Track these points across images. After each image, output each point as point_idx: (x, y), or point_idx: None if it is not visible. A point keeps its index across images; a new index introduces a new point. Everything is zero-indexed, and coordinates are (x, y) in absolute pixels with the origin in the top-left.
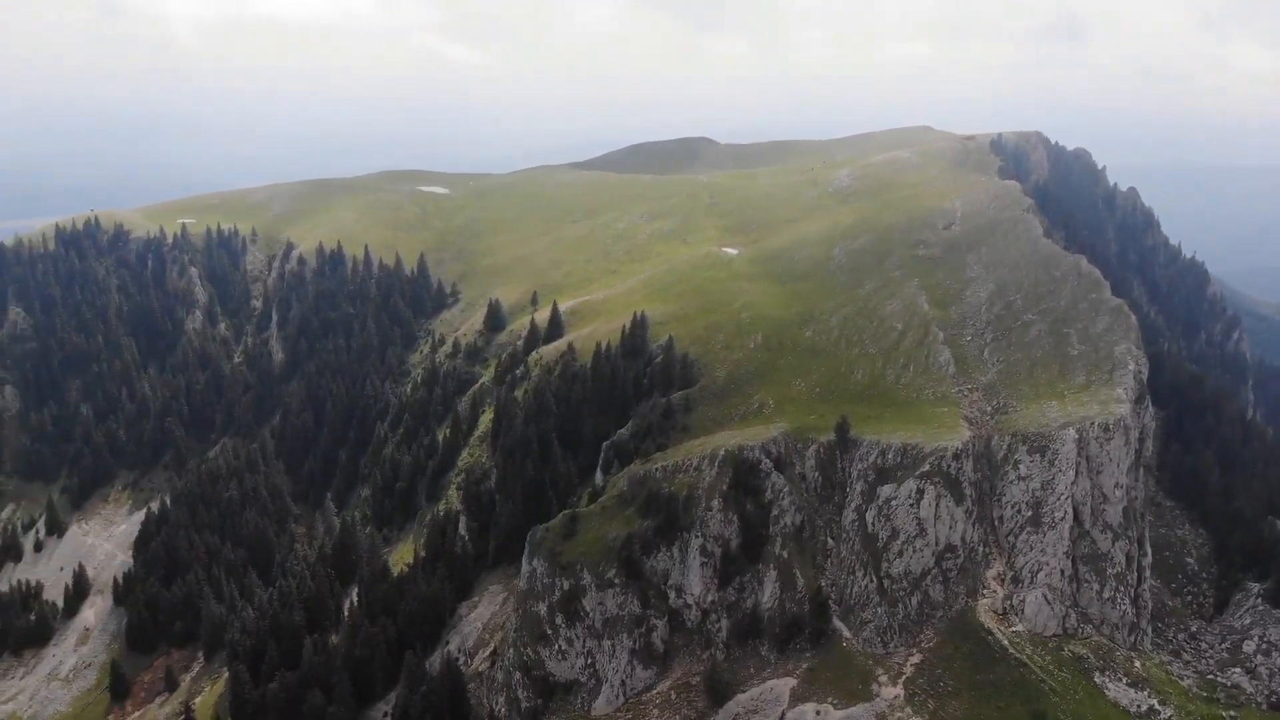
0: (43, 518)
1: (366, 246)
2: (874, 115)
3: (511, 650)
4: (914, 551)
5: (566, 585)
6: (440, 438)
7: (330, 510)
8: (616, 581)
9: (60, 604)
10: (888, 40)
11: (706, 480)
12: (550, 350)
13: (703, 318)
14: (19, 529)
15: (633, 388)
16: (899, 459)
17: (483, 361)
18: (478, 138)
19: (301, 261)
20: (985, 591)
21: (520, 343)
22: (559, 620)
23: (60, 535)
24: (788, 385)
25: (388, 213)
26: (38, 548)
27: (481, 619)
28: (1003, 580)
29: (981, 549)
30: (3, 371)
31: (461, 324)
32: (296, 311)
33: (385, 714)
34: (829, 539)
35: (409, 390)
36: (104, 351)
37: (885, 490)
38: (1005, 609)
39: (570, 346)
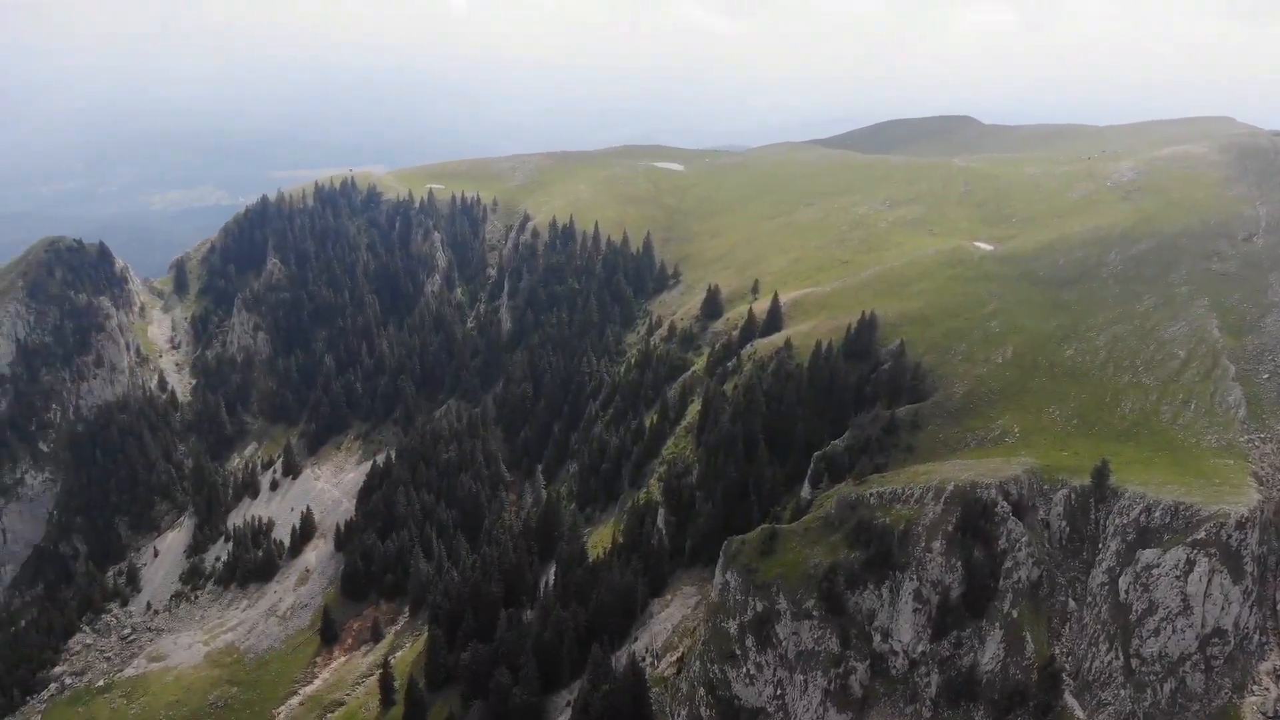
0: (280, 459)
1: (596, 222)
2: (1161, 100)
3: (698, 663)
4: (1174, 631)
5: (760, 607)
6: (647, 423)
7: (539, 482)
8: (815, 613)
9: (286, 543)
10: (1191, 13)
11: (929, 517)
12: (766, 344)
13: (943, 322)
14: (259, 467)
15: (853, 395)
16: (1167, 519)
17: (696, 349)
18: (725, 111)
19: (535, 234)
20: (1256, 688)
21: (736, 333)
22: (749, 643)
23: (294, 477)
24: (1038, 412)
25: (621, 188)
26: (273, 487)
27: (672, 620)
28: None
29: (1257, 637)
30: (258, 318)
31: (679, 307)
32: (526, 283)
33: (568, 703)
34: (1070, 601)
35: (622, 371)
36: (349, 307)
37: (1146, 555)
38: (1278, 712)
39: (788, 342)
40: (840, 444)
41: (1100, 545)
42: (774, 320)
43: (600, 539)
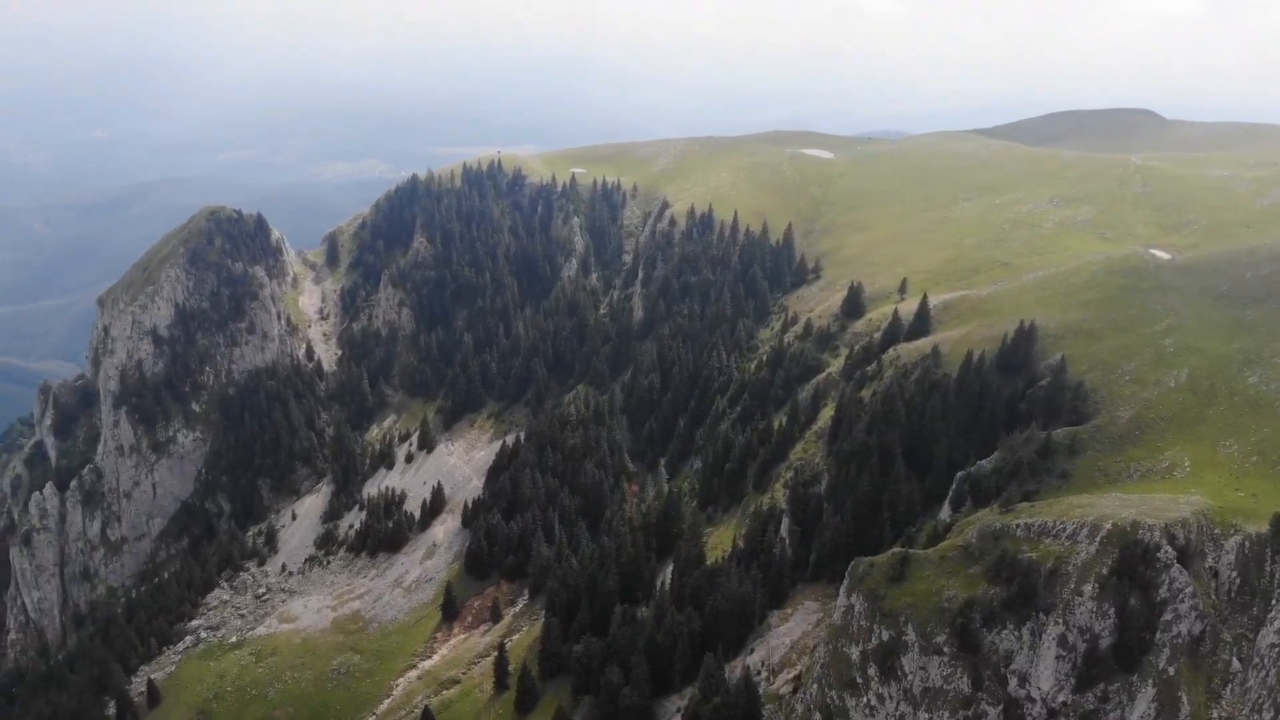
0: (416, 433)
1: (736, 211)
2: None
3: (816, 686)
4: None
5: (885, 636)
6: (776, 425)
7: (662, 476)
8: (946, 650)
9: (416, 516)
10: None
11: (1081, 556)
12: (910, 349)
13: (1111, 337)
14: (396, 440)
15: (1005, 412)
16: None
17: (833, 349)
18: (882, 96)
19: (672, 222)
20: None
21: (878, 335)
22: (872, 672)
23: (429, 451)
24: (1214, 445)
25: (765, 175)
26: (408, 459)
27: (791, 635)
28: None
29: None
30: (403, 294)
31: (817, 304)
32: (660, 271)
33: (678, 710)
34: (1234, 661)
35: (752, 368)
36: (489, 288)
37: None
38: None
39: (935, 349)
40: (987, 465)
41: (1274, 601)
42: (921, 323)
43: (720, 540)
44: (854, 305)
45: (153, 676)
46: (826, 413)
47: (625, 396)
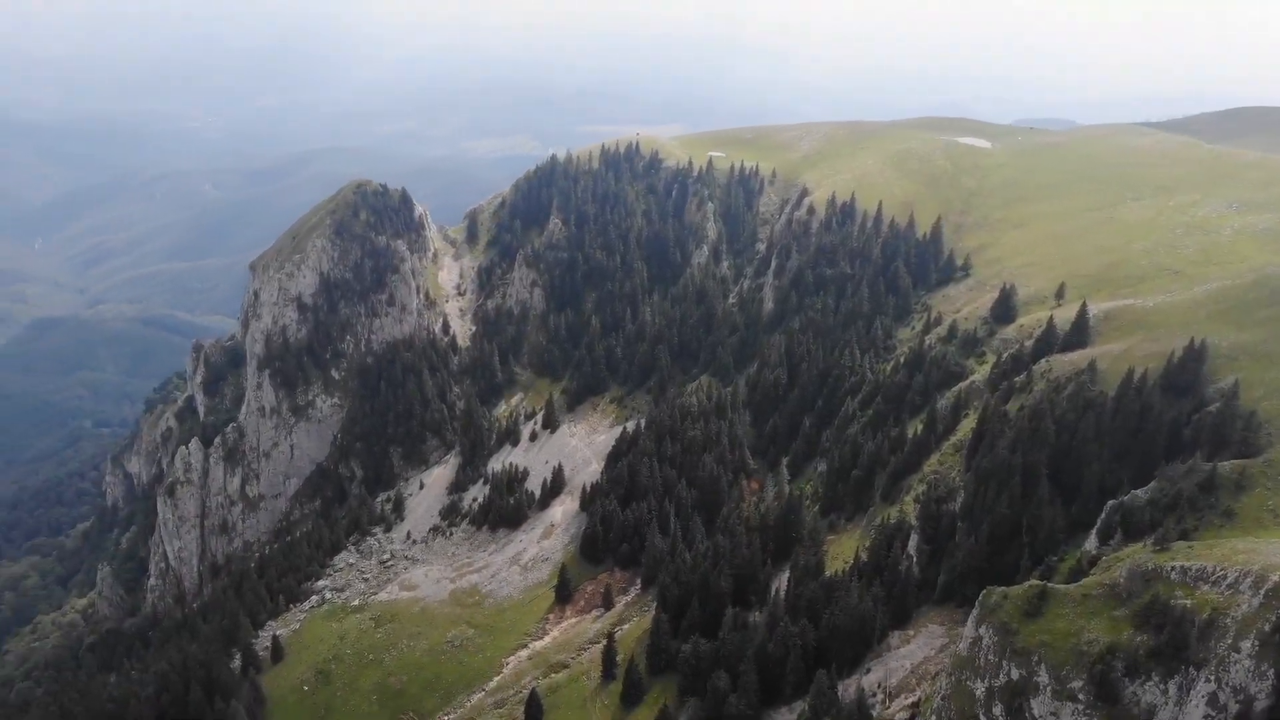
0: (541, 412)
1: (880, 202)
2: None
3: (934, 719)
4: None
5: (1015, 675)
6: (910, 432)
7: (783, 477)
8: (1081, 697)
9: (536, 495)
10: None
11: (1242, 609)
12: (1065, 362)
13: None
14: (521, 417)
15: (1166, 438)
16: None
17: (978, 355)
18: (1046, 82)
19: (811, 211)
20: None
21: (1029, 343)
22: (997, 711)
23: (552, 431)
24: None
25: (915, 164)
26: (532, 438)
27: (912, 658)
28: None
29: None
30: (536, 274)
31: (964, 305)
32: (794, 262)
33: None
34: None
35: (888, 369)
36: (619, 272)
37: None
38: None
39: (1092, 363)
40: (1142, 495)
41: None
42: (1078, 334)
43: (841, 550)
44: (1005, 309)
45: (278, 633)
46: (967, 424)
47: (749, 390)
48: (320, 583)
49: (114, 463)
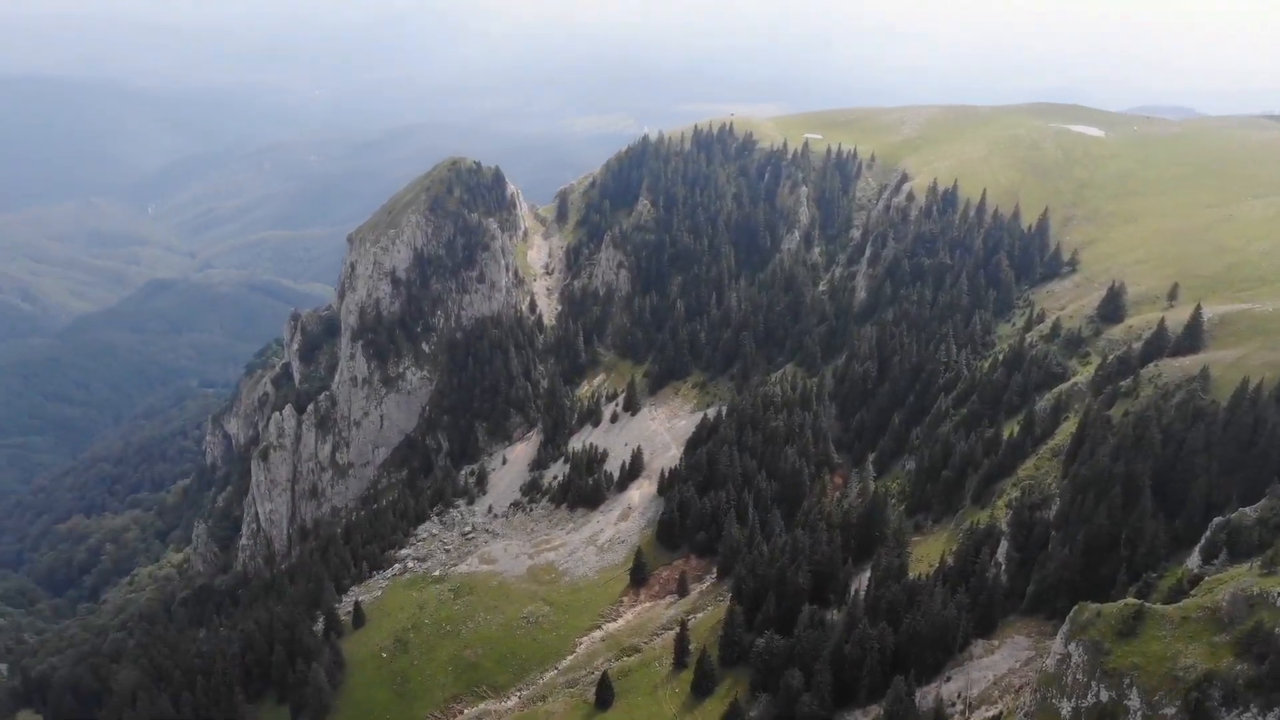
0: (623, 394)
1: (985, 190)
2: None
3: None
4: None
5: (1105, 696)
6: (1005, 434)
7: (868, 473)
8: None
9: (615, 477)
10: None
11: None
12: (1175, 367)
13: None
14: (603, 398)
15: None
16: None
17: (1082, 356)
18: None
19: (910, 197)
20: None
21: (1138, 346)
22: None
23: (633, 414)
24: None
25: (1022, 152)
26: (613, 419)
27: (995, 670)
28: None
29: None
30: (623, 256)
31: (1069, 302)
32: (890, 251)
33: None
34: None
35: (985, 366)
36: (706, 255)
37: None
38: None
39: (1204, 370)
40: (1251, 514)
41: None
42: (1191, 338)
43: (926, 553)
44: (1112, 308)
45: (360, 599)
46: (1067, 428)
47: (837, 382)
48: (403, 551)
49: (214, 423)
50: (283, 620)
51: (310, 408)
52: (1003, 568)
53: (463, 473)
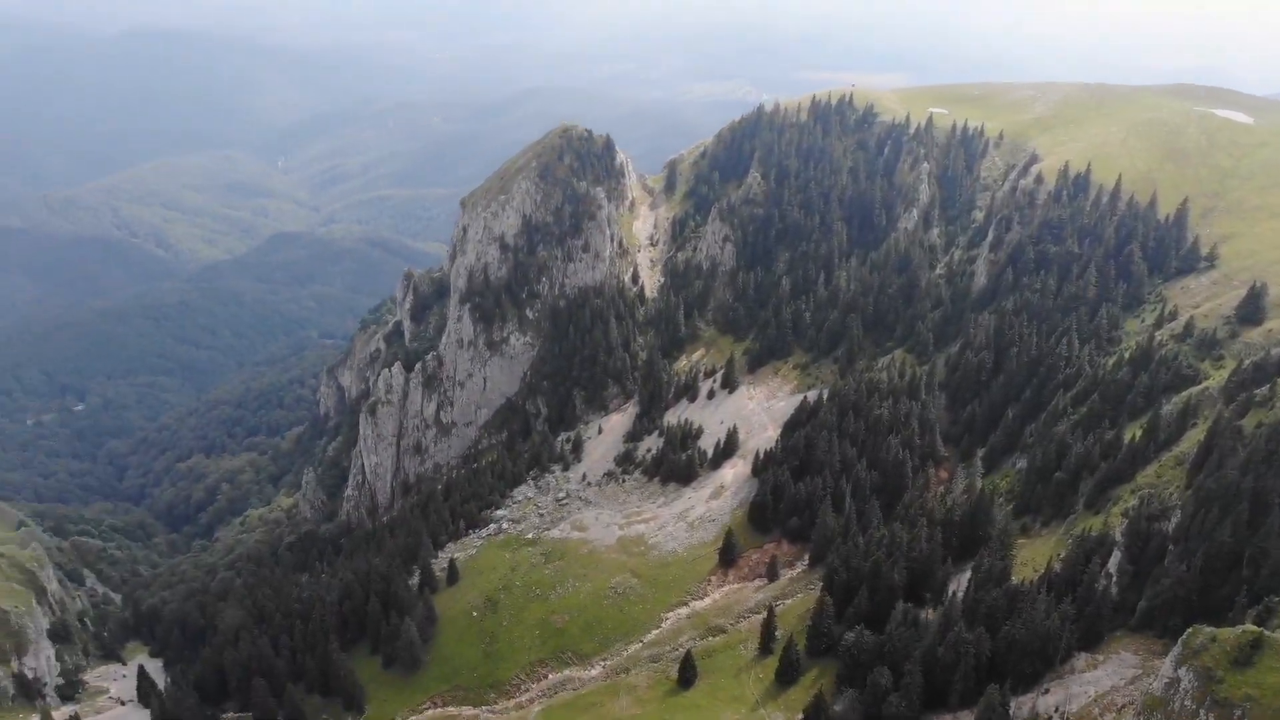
0: (721, 371)
1: (1120, 175)
2: None
3: None
4: None
5: None
6: (1127, 438)
7: (976, 469)
8: None
9: (709, 454)
10: None
11: None
12: None
13: None
14: (701, 374)
15: None
16: None
17: (1215, 359)
18: None
19: (1039, 179)
20: None
21: (1277, 351)
22: None
23: (730, 391)
24: None
25: (1162, 136)
26: (709, 396)
27: (1097, 685)
28: None
29: None
30: (729, 229)
31: (1205, 300)
32: (1014, 236)
33: None
34: None
35: (1109, 364)
36: (817, 232)
37: None
38: None
39: None
40: None
41: None
42: None
43: (1032, 557)
44: (1252, 308)
45: (455, 556)
46: (1194, 436)
47: (948, 372)
48: (499, 512)
49: (329, 374)
50: (380, 572)
51: (418, 366)
52: (1113, 579)
53: (559, 439)
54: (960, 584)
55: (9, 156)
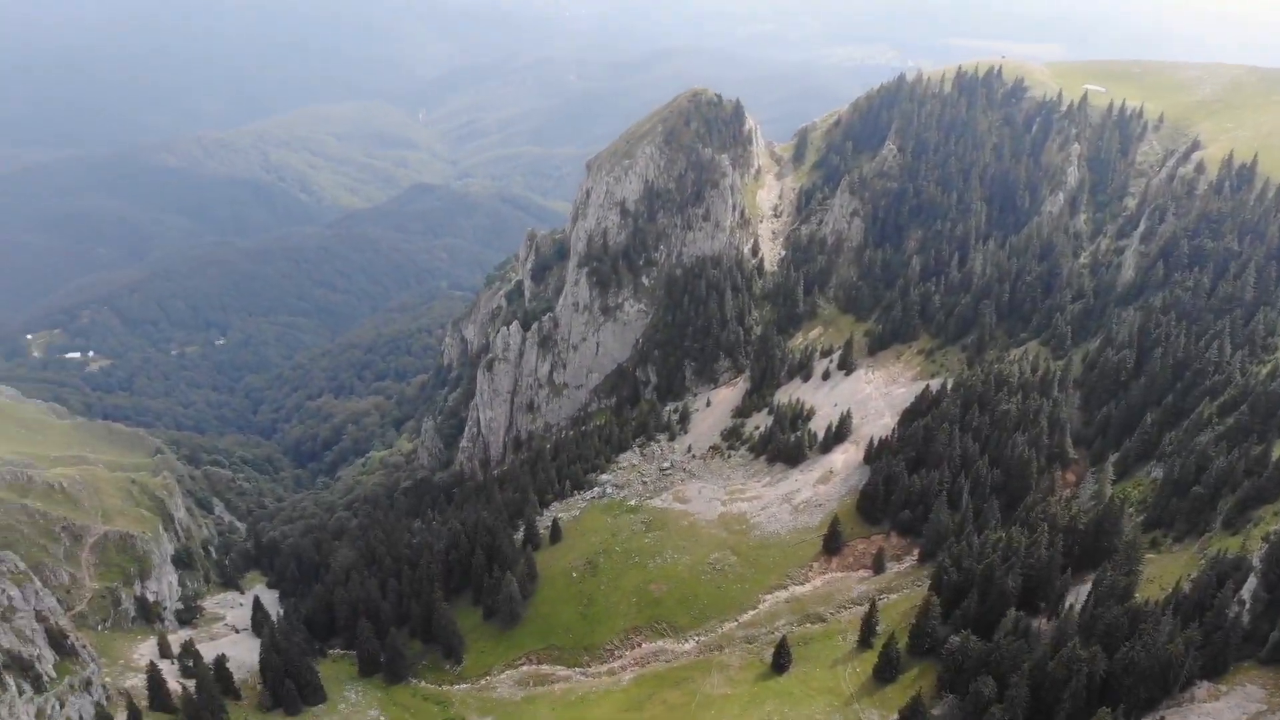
0: (838, 352)
1: None
2: None
3: None
4: None
5: None
6: (1275, 455)
7: (1106, 475)
8: None
9: (819, 437)
10: None
11: None
12: None
13: None
14: (817, 354)
15: None
16: None
17: None
18: None
19: (1200, 168)
20: None
21: None
22: None
23: (847, 373)
24: None
25: None
26: (824, 376)
27: (1218, 716)
28: None
29: None
30: (858, 203)
31: None
32: (1169, 227)
33: None
34: None
35: (1263, 373)
36: (953, 211)
37: None
38: None
39: None
40: None
41: None
42: None
43: (1159, 574)
44: None
45: (559, 516)
46: None
47: (1085, 369)
48: (604, 476)
49: (454, 326)
50: (487, 525)
51: (535, 326)
52: (1246, 606)
53: (667, 409)
54: (1079, 596)
55: (167, 96)
